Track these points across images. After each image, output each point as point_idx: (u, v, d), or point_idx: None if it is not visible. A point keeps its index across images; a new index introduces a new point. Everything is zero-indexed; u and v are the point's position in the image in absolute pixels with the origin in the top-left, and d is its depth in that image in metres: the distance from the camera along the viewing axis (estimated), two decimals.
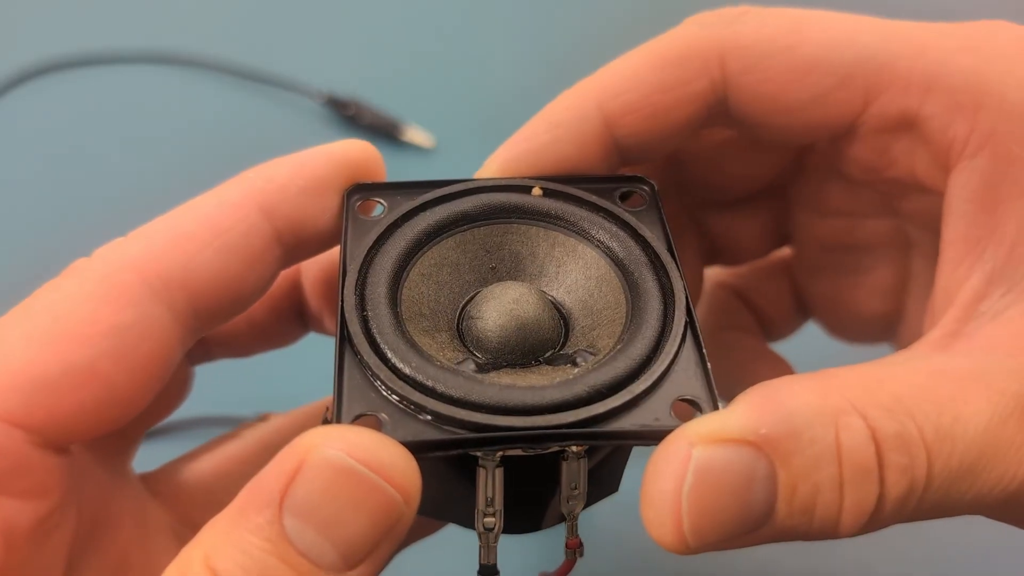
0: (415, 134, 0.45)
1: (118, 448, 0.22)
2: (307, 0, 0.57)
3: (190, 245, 0.19)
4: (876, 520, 0.16)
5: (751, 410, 0.16)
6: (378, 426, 0.16)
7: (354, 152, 0.20)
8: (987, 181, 0.18)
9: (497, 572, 0.20)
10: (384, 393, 0.17)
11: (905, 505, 0.16)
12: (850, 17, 0.19)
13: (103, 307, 0.18)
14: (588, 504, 0.19)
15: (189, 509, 0.23)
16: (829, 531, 0.17)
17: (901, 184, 0.20)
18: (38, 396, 0.17)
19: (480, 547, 0.19)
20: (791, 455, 0.16)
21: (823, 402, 0.16)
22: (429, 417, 0.17)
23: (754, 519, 0.17)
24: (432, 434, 0.16)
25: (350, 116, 0.46)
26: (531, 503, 0.20)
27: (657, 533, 0.18)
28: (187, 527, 0.22)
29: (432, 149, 0.45)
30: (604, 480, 0.20)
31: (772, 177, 0.23)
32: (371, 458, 0.15)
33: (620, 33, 0.57)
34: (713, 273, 0.27)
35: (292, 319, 0.25)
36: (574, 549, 0.20)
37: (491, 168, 0.21)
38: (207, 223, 0.19)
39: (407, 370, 0.17)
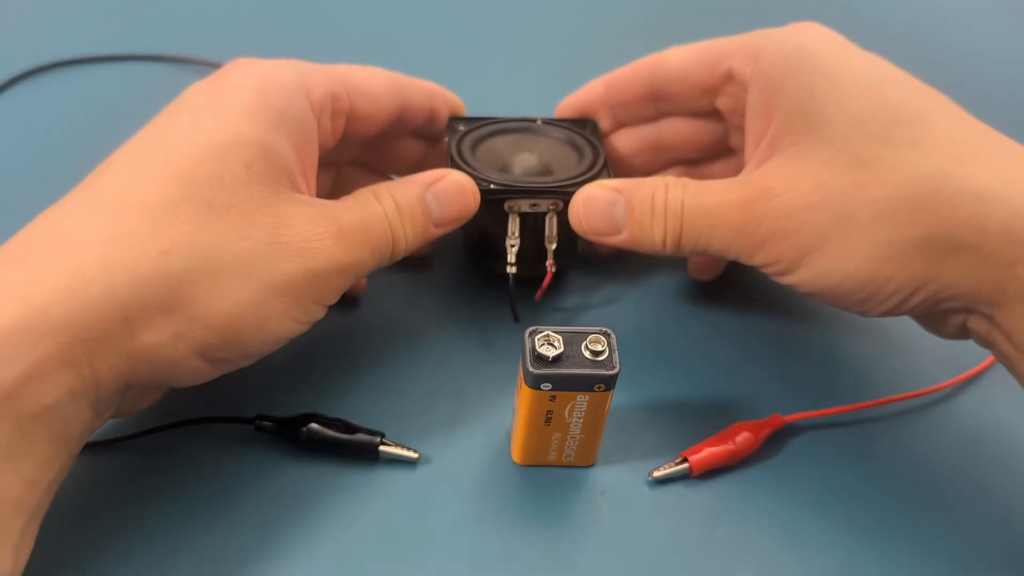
0: None
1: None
2: (307, 2, 0.57)
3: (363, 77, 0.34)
4: (672, 241, 0.31)
5: (619, 180, 0.33)
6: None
7: (452, 99, 0.38)
8: (761, 96, 0.32)
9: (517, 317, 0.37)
10: (467, 174, 0.34)
11: (675, 232, 0.31)
12: (712, 40, 0.36)
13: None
14: (557, 251, 0.35)
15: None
16: (652, 245, 0.32)
17: (738, 110, 0.36)
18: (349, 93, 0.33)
19: (507, 267, 0.35)
20: (633, 197, 0.32)
21: (653, 180, 0.32)
22: (484, 183, 0.34)
23: (615, 225, 0.32)
24: (486, 187, 0.34)
25: None
26: (530, 255, 0.35)
27: (572, 223, 0.33)
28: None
29: None
30: (566, 241, 0.36)
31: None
32: (467, 183, 0.33)
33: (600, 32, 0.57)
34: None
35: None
36: (549, 268, 0.35)
37: (565, 104, 0.39)
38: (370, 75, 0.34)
39: (478, 169, 0.35)
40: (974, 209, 0.27)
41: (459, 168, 0.34)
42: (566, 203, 0.34)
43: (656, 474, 0.32)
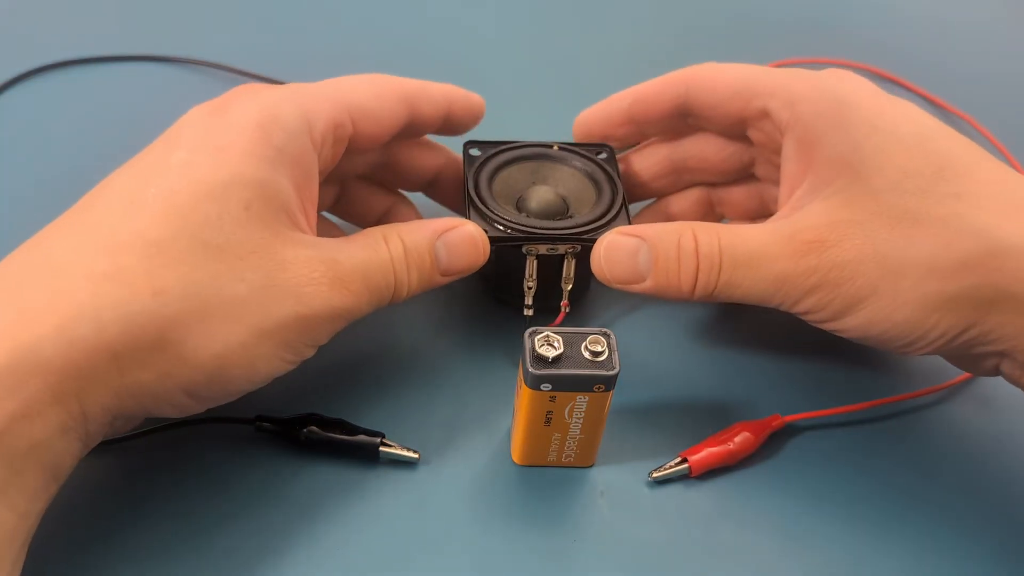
0: None
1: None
2: (309, 5, 0.57)
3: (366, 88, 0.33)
4: (703, 288, 0.31)
5: (642, 226, 0.32)
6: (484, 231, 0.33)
7: (472, 101, 0.37)
8: (799, 143, 0.33)
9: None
10: (486, 217, 0.34)
11: (710, 281, 0.31)
12: (747, 66, 0.35)
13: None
14: (572, 290, 0.35)
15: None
16: (680, 293, 0.31)
17: (768, 145, 0.36)
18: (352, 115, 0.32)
19: (524, 307, 0.35)
20: (657, 244, 0.31)
21: (678, 226, 0.31)
22: (502, 228, 0.34)
23: (638, 274, 0.32)
24: (504, 233, 0.34)
25: None
26: (544, 292, 0.35)
27: (594, 271, 0.33)
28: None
29: None
30: (581, 279, 0.35)
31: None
32: (479, 236, 0.33)
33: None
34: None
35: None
36: (564, 308, 0.35)
37: (586, 116, 0.39)
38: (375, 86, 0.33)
39: (495, 209, 0.34)
40: (1019, 262, 0.28)
41: (476, 207, 0.34)
42: (583, 246, 0.34)
43: (656, 474, 0.32)
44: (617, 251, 0.32)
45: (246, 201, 0.28)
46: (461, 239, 0.32)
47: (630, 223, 0.35)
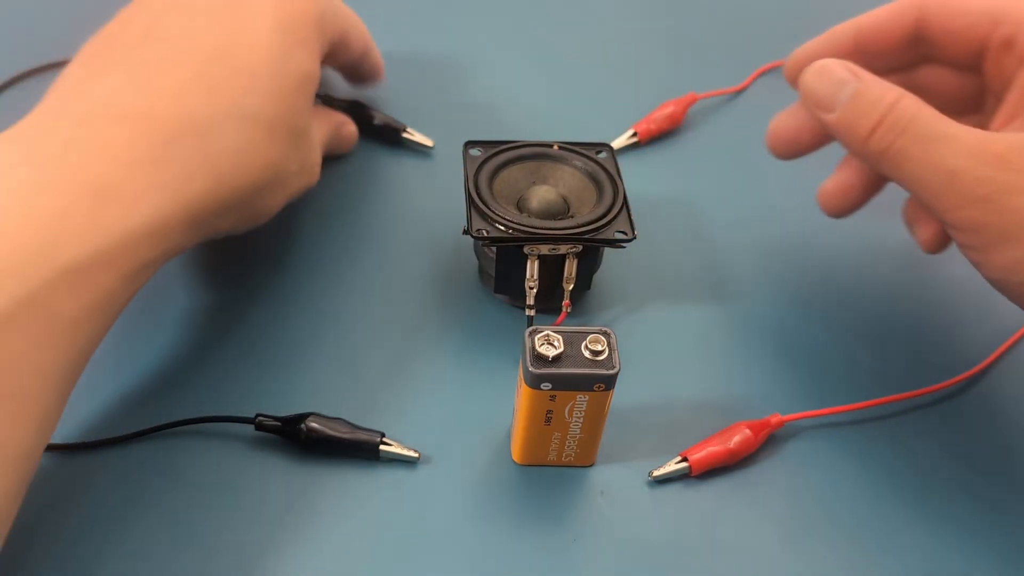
0: (416, 135, 0.45)
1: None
2: None
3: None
4: (877, 143, 0.30)
5: (860, 68, 0.32)
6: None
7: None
8: None
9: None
10: (487, 217, 0.34)
11: (885, 138, 0.30)
12: None
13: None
14: (574, 290, 0.35)
15: None
16: (856, 137, 0.31)
17: (1002, 78, 0.34)
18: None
19: (525, 308, 0.35)
20: (863, 91, 0.31)
21: (891, 86, 0.31)
22: (503, 228, 0.34)
23: (833, 103, 0.31)
24: (505, 234, 0.34)
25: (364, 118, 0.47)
26: (545, 291, 0.35)
27: (799, 82, 0.33)
28: None
29: (431, 147, 0.46)
30: (582, 278, 0.36)
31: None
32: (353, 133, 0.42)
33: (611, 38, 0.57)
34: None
35: None
36: (565, 308, 0.36)
37: (804, 51, 0.37)
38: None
39: (496, 210, 0.34)
40: None
41: (477, 207, 0.35)
42: (586, 247, 0.34)
43: (656, 474, 0.32)
44: (827, 75, 0.32)
45: (311, 94, 0.35)
46: (348, 134, 0.44)
47: (631, 223, 0.35)
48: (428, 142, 0.45)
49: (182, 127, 0.30)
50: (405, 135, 0.45)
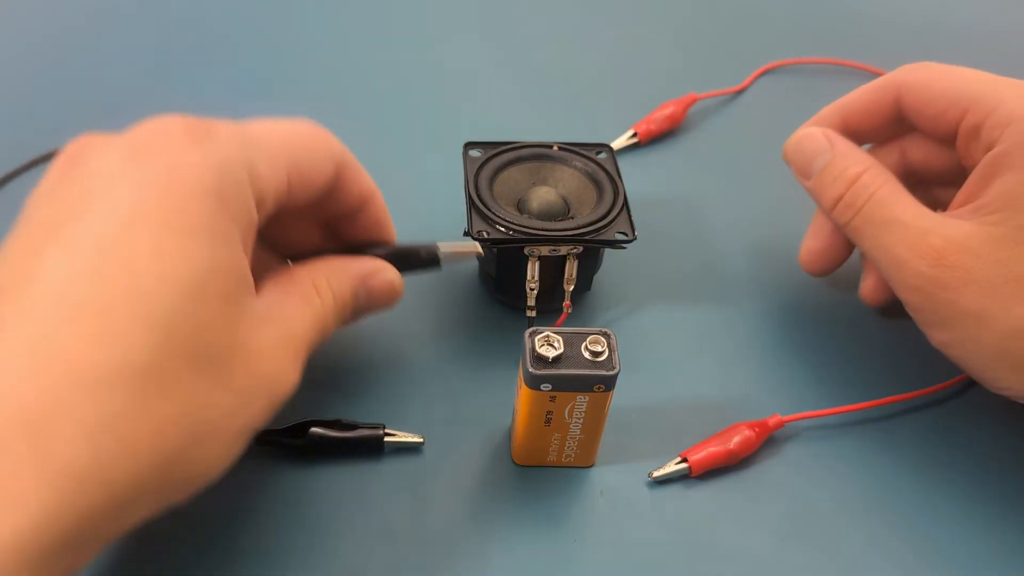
0: None
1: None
2: (313, 17, 0.57)
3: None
4: (839, 216, 0.34)
5: (840, 138, 0.35)
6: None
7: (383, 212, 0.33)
8: (991, 161, 0.31)
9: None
10: (487, 218, 0.34)
11: (845, 214, 0.33)
12: (965, 70, 0.34)
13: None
14: (574, 291, 0.35)
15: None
16: (824, 207, 0.34)
17: (974, 157, 0.33)
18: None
19: (526, 309, 0.36)
20: (835, 161, 0.34)
21: (861, 156, 0.34)
22: (504, 230, 0.34)
23: (810, 171, 0.35)
24: (506, 235, 0.34)
25: None
26: (545, 293, 0.36)
27: (784, 148, 0.36)
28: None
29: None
30: (583, 279, 0.37)
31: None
32: (397, 282, 0.31)
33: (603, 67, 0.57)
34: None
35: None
36: (566, 309, 0.36)
37: (797, 131, 0.37)
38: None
39: (497, 211, 0.34)
40: None
41: (477, 209, 0.34)
42: (586, 247, 0.34)
43: (656, 474, 0.32)
44: (807, 143, 0.35)
45: (225, 294, 0.24)
46: (382, 286, 0.31)
47: (631, 224, 0.35)
48: None
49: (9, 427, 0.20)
50: None
